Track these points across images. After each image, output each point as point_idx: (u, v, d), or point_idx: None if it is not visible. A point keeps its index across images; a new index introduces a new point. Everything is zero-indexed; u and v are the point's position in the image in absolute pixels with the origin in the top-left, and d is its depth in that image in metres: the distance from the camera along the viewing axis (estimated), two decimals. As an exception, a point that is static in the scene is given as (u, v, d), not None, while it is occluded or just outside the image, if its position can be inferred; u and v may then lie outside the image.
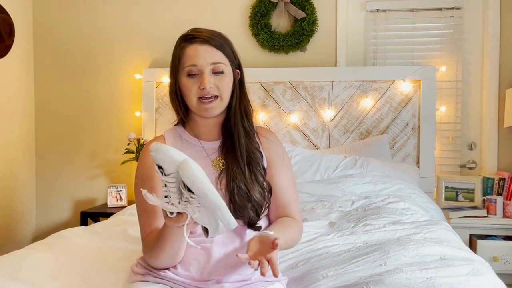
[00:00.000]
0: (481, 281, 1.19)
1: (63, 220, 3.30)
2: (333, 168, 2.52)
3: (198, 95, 1.21)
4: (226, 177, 1.21)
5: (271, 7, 2.99)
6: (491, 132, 2.89)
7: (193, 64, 1.20)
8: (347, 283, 1.26)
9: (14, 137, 3.12)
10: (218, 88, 1.21)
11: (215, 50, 1.21)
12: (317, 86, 2.91)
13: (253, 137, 1.27)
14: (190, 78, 1.21)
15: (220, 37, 1.25)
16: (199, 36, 1.22)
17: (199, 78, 1.20)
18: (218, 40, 1.23)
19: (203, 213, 0.95)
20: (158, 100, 3.06)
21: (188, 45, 1.22)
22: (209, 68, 1.20)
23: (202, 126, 1.28)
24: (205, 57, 1.20)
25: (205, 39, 1.21)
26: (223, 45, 1.23)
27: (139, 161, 1.27)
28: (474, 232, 2.64)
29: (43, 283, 1.34)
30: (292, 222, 1.25)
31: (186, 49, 1.22)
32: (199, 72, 1.20)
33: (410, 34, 2.97)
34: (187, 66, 1.21)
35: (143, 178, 1.23)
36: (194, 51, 1.21)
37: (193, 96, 1.21)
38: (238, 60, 1.28)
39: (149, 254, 1.17)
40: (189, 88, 1.21)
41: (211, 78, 1.20)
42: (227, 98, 1.24)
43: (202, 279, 1.17)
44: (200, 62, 1.20)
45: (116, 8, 3.22)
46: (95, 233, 1.86)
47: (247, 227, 1.21)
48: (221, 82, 1.21)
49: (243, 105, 1.27)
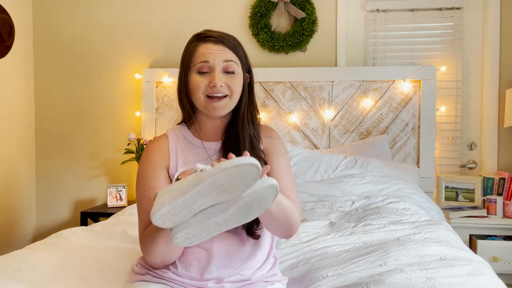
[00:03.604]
0: (481, 281, 1.19)
1: (63, 220, 3.30)
2: (333, 168, 2.53)
3: (206, 93, 1.19)
4: None
5: (271, 7, 2.99)
6: (491, 132, 2.89)
7: (205, 61, 1.19)
8: (347, 283, 1.26)
9: (14, 137, 3.12)
10: (228, 87, 1.19)
11: (228, 50, 1.21)
12: (317, 86, 2.91)
13: (257, 145, 1.25)
14: (200, 75, 1.20)
15: (234, 39, 1.25)
16: (213, 36, 1.22)
17: (210, 76, 1.19)
18: (232, 41, 1.23)
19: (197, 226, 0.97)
20: (158, 100, 3.06)
21: (201, 43, 1.22)
22: (221, 66, 1.19)
23: (207, 126, 1.27)
24: (218, 54, 1.19)
25: (218, 39, 1.21)
26: (236, 47, 1.23)
27: (141, 160, 1.26)
28: (474, 232, 2.64)
29: (43, 283, 1.34)
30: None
31: (199, 47, 1.21)
32: (210, 70, 1.19)
33: (410, 34, 2.97)
34: (199, 63, 1.19)
35: (145, 176, 1.22)
36: (207, 49, 1.20)
37: (201, 94, 1.20)
38: (249, 64, 1.28)
39: (144, 250, 1.17)
40: (198, 85, 1.19)
41: (222, 76, 1.19)
42: (236, 98, 1.22)
43: (202, 279, 1.16)
44: (212, 59, 1.19)
45: (116, 8, 3.22)
46: (95, 233, 1.86)
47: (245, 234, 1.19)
48: (232, 82, 1.20)
49: (250, 111, 1.26)
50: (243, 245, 1.19)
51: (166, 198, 0.95)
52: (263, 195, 0.96)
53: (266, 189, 0.96)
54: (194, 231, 0.98)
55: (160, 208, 0.95)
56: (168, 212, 0.95)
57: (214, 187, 0.92)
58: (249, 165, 0.90)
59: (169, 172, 1.23)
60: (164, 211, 0.95)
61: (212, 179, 0.91)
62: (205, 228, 0.98)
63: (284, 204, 1.14)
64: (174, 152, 1.25)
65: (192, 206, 0.95)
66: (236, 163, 0.90)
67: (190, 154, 1.25)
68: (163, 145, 1.26)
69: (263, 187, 0.95)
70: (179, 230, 0.98)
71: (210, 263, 1.16)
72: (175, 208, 0.94)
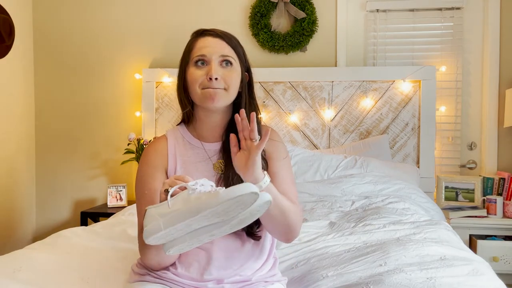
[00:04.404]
0: (481, 281, 1.19)
1: (63, 220, 3.30)
2: (333, 168, 2.52)
3: (203, 86, 1.19)
4: (226, 183, 1.20)
5: (271, 7, 2.99)
6: (491, 132, 2.89)
7: (203, 54, 1.19)
8: (347, 283, 1.26)
9: (14, 137, 3.12)
10: (225, 80, 1.19)
11: (226, 45, 1.21)
12: (317, 86, 2.91)
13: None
14: (197, 67, 1.20)
15: (233, 37, 1.25)
16: (212, 30, 1.23)
17: (207, 68, 1.19)
18: (231, 38, 1.24)
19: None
20: (158, 100, 3.06)
21: (200, 38, 1.23)
22: (218, 59, 1.19)
23: (206, 124, 1.26)
24: (216, 47, 1.19)
25: (218, 34, 1.22)
26: (235, 44, 1.24)
27: (140, 161, 1.26)
28: (474, 232, 2.64)
29: (43, 283, 1.34)
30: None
31: (197, 42, 1.22)
32: (207, 63, 1.19)
33: (410, 34, 2.97)
34: (196, 56, 1.20)
35: (144, 178, 1.22)
36: (204, 43, 1.21)
37: (197, 86, 1.19)
38: (248, 63, 1.28)
39: (140, 252, 1.18)
40: (195, 77, 1.19)
41: (219, 69, 1.19)
42: (233, 92, 1.21)
43: (202, 280, 1.16)
44: (209, 52, 1.19)
45: (116, 8, 3.22)
46: (95, 233, 1.86)
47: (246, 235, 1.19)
48: (228, 75, 1.19)
49: (250, 110, 1.24)
50: (243, 246, 1.19)
51: (161, 223, 0.95)
52: (257, 209, 0.97)
53: (262, 205, 0.97)
54: (187, 244, 0.99)
55: (155, 232, 0.95)
56: (163, 235, 0.96)
57: (212, 215, 0.93)
58: (249, 194, 0.90)
59: (168, 173, 1.23)
60: (159, 235, 0.96)
61: (211, 210, 0.91)
62: (198, 241, 0.99)
63: (284, 205, 1.14)
64: (172, 153, 1.24)
65: (188, 228, 0.96)
66: (237, 194, 0.90)
67: (190, 154, 1.25)
68: (161, 147, 1.26)
69: (259, 204, 0.95)
70: (173, 245, 0.99)
71: (210, 263, 1.16)
72: (170, 232, 0.95)
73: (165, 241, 0.99)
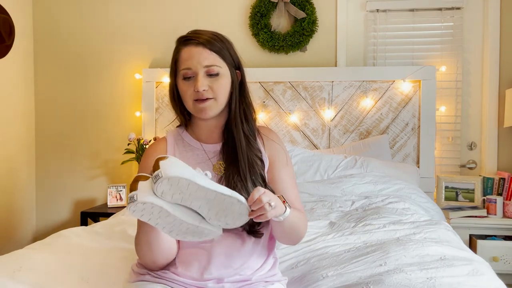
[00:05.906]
0: (481, 281, 1.19)
1: (63, 220, 3.30)
2: (333, 168, 2.52)
3: (193, 98, 1.21)
4: (227, 183, 1.20)
5: (271, 7, 2.99)
6: (491, 132, 2.89)
7: (188, 67, 1.20)
8: (347, 283, 1.26)
9: (14, 137, 3.12)
10: (212, 90, 1.20)
11: (209, 53, 1.21)
12: (317, 86, 2.91)
13: (254, 144, 1.25)
14: (186, 81, 1.22)
15: (217, 38, 1.23)
16: (194, 38, 1.21)
17: (194, 81, 1.20)
18: (214, 42, 1.22)
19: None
20: (158, 100, 3.06)
21: (183, 48, 1.23)
22: (203, 70, 1.20)
23: (203, 128, 1.28)
24: (199, 59, 1.20)
25: (199, 42, 1.21)
26: (219, 47, 1.22)
27: (141, 162, 1.27)
28: (474, 232, 2.64)
29: (43, 283, 1.34)
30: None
31: (181, 52, 1.23)
32: (194, 75, 1.20)
33: (410, 34, 2.97)
34: (182, 70, 1.21)
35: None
36: (188, 54, 1.21)
37: (189, 99, 1.22)
38: (238, 61, 1.27)
39: (135, 249, 1.19)
40: (185, 91, 1.22)
41: (205, 80, 1.20)
42: (222, 99, 1.23)
43: (202, 279, 1.16)
44: (194, 65, 1.20)
45: (116, 8, 3.22)
46: (95, 233, 1.86)
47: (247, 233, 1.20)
48: (215, 84, 1.20)
49: (242, 108, 1.26)
50: (243, 245, 1.20)
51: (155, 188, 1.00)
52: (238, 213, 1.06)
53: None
54: (166, 209, 1.00)
55: (147, 195, 0.99)
56: (164, 184, 0.99)
57: (206, 197, 1.01)
58: (237, 201, 1.03)
59: None
60: (148, 197, 0.99)
61: (214, 191, 1.01)
62: (172, 218, 1.01)
63: (295, 221, 1.18)
64: (172, 155, 1.25)
65: (183, 193, 1.00)
66: (237, 197, 1.03)
67: (189, 156, 1.26)
68: (161, 149, 1.27)
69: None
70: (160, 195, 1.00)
71: (210, 263, 1.17)
72: (170, 182, 0.98)
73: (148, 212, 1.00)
